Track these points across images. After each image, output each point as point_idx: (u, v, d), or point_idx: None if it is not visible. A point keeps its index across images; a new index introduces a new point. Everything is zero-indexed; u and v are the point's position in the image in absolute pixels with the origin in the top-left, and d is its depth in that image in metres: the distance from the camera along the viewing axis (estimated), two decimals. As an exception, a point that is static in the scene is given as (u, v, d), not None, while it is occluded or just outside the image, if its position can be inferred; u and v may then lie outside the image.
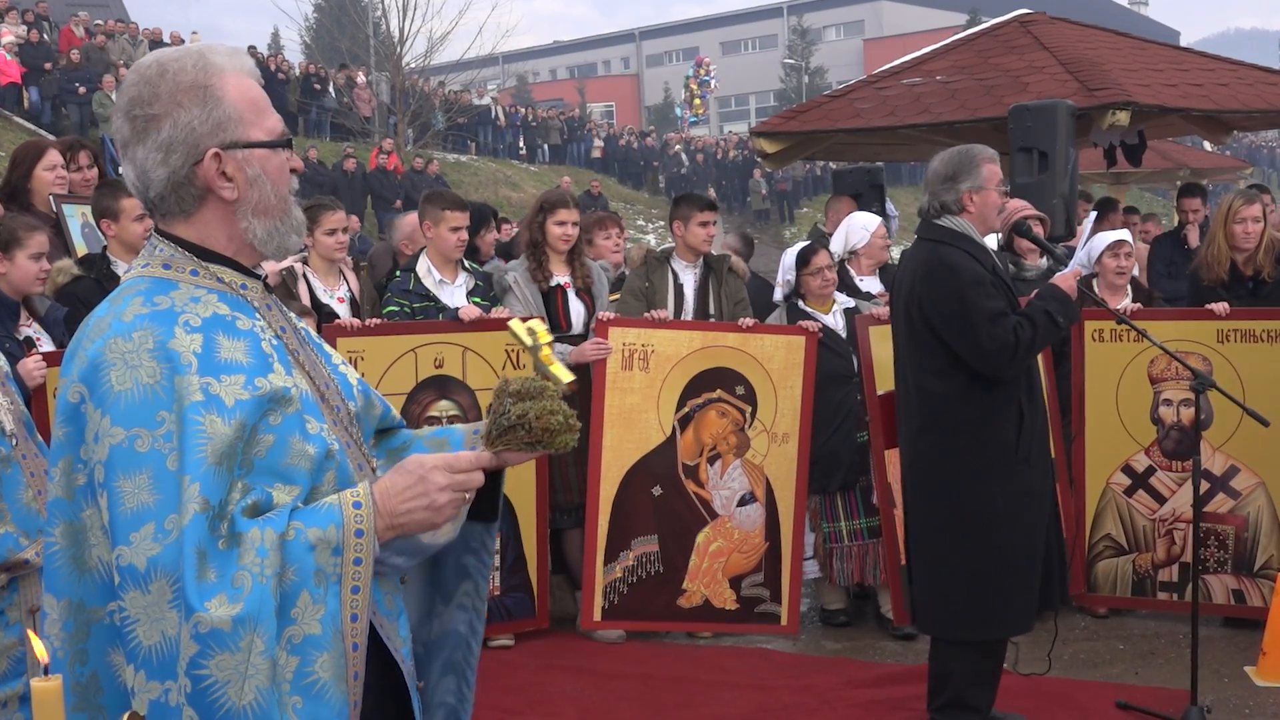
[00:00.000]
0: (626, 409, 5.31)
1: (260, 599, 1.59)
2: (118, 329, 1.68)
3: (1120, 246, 5.69)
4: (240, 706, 1.58)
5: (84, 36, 21.19)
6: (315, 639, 1.64)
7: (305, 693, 1.64)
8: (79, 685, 1.69)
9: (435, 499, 1.75)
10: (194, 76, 1.76)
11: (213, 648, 1.57)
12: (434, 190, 6.02)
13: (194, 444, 1.62)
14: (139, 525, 1.60)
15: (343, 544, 1.68)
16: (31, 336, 4.13)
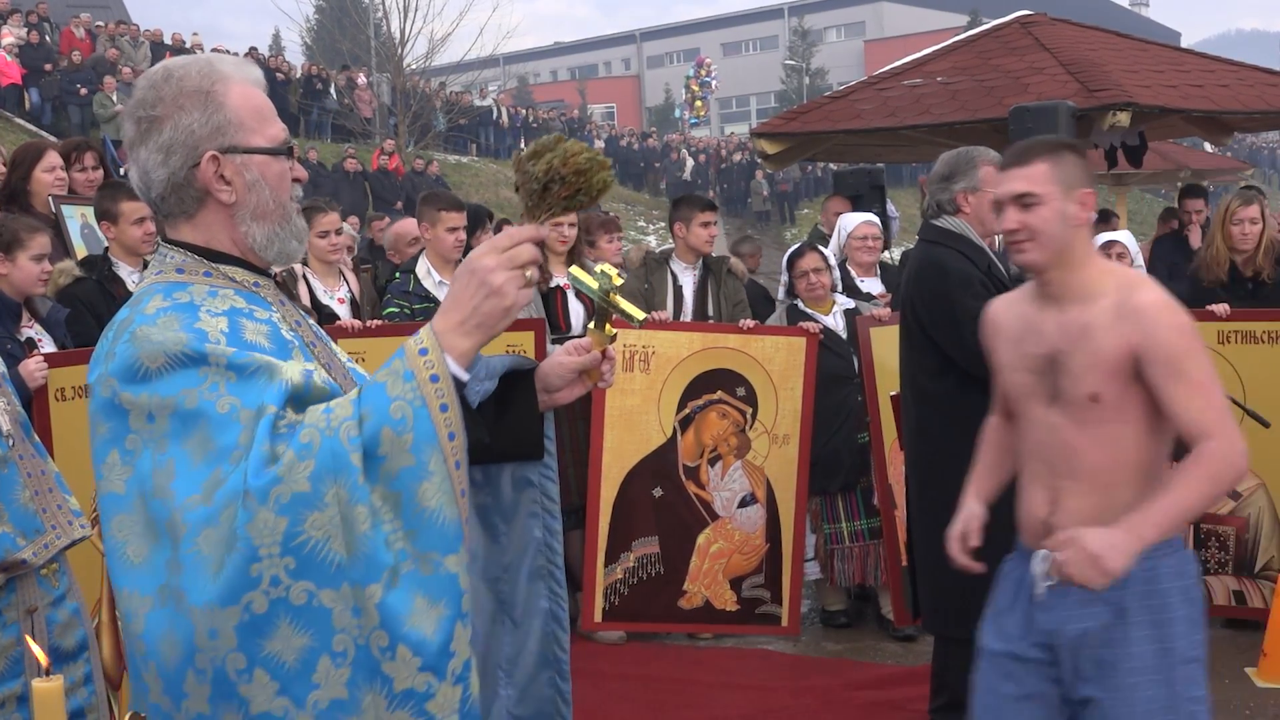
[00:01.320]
0: (627, 410, 5.31)
1: (332, 451, 1.59)
2: (142, 320, 1.72)
3: (1111, 247, 5.69)
4: (347, 558, 1.59)
5: (84, 38, 21.20)
6: (412, 471, 1.61)
7: (417, 523, 1.62)
8: None
9: (491, 281, 1.68)
10: (198, 82, 1.80)
11: (302, 512, 1.57)
12: (430, 191, 6.03)
13: (247, 385, 1.66)
14: (209, 472, 1.62)
15: (412, 370, 1.64)
16: (33, 337, 4.14)
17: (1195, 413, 2.46)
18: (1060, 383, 2.52)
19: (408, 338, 1.70)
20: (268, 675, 1.58)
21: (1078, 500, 2.53)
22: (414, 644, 1.60)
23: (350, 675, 1.60)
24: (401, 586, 1.60)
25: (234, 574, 1.56)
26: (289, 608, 1.58)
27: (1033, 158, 2.54)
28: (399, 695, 1.61)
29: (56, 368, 3.94)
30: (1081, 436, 2.51)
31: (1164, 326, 2.45)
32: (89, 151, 5.52)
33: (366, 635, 1.60)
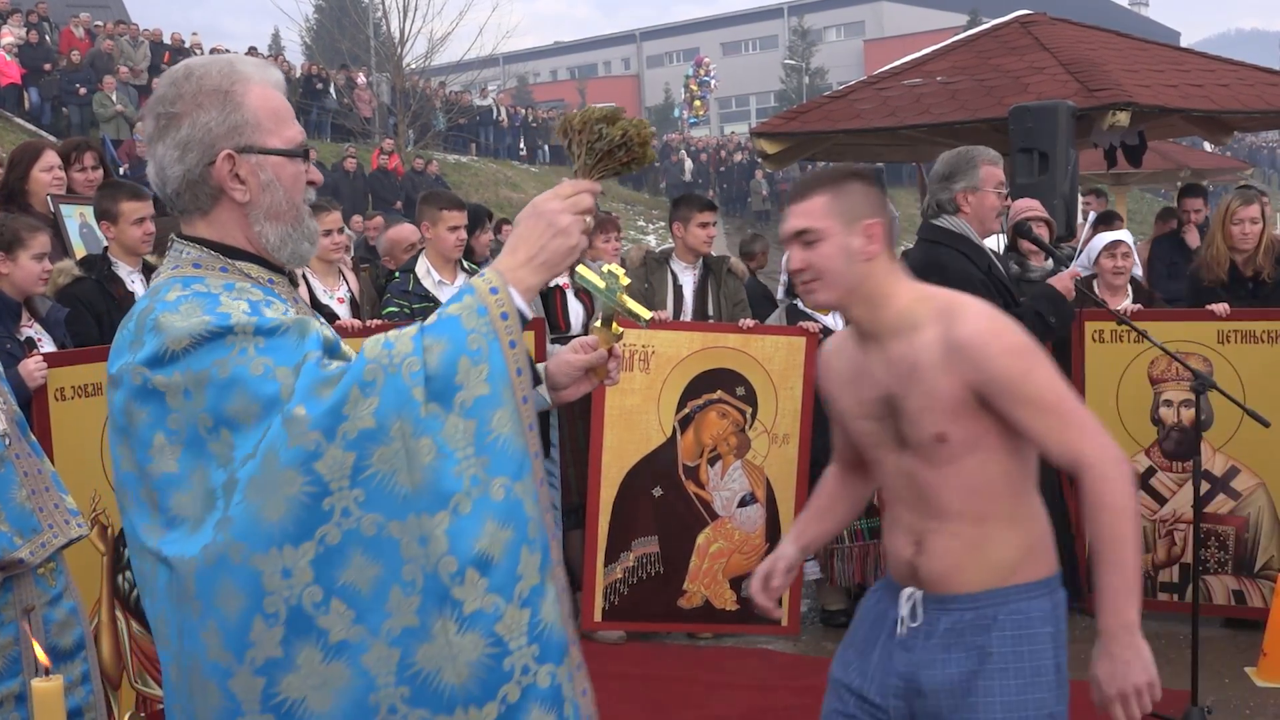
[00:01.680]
0: (627, 410, 5.31)
1: (396, 388, 1.64)
2: (164, 308, 1.75)
3: (1117, 247, 5.70)
4: (413, 489, 1.65)
5: (84, 37, 21.19)
6: (486, 400, 1.68)
7: (492, 451, 1.68)
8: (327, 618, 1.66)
9: (557, 221, 1.80)
10: (218, 81, 1.83)
11: (368, 446, 1.63)
12: (431, 190, 6.03)
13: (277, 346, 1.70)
14: (259, 432, 1.65)
15: (485, 305, 1.72)
16: (33, 337, 4.14)
17: (1058, 440, 2.23)
18: (902, 427, 2.33)
19: (475, 277, 1.79)
20: (344, 604, 1.64)
21: (945, 540, 2.34)
22: (482, 566, 1.66)
23: (420, 603, 1.65)
24: (471, 512, 1.66)
25: (304, 511, 1.62)
26: (361, 539, 1.63)
27: (811, 192, 2.33)
28: (468, 618, 1.66)
29: (56, 367, 3.94)
30: (937, 476, 2.32)
31: (996, 357, 2.21)
32: (88, 152, 5.52)
33: (435, 562, 1.65)
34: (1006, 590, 2.33)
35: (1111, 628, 2.22)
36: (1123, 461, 2.25)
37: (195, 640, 1.67)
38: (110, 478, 4.05)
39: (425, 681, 1.66)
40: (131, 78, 20.35)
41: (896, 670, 2.41)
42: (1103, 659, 2.22)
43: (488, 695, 1.67)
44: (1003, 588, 2.33)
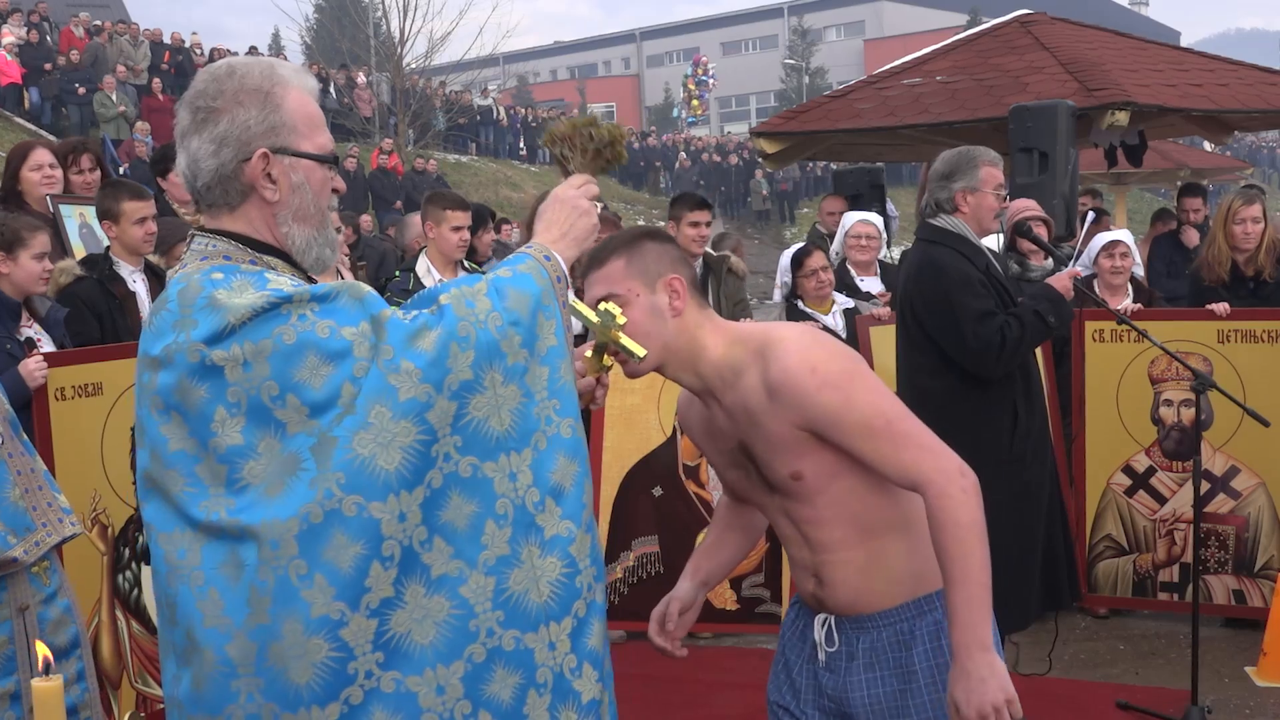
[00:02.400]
0: (627, 409, 5.31)
1: (487, 342, 1.80)
2: (214, 285, 1.78)
3: (1115, 247, 5.70)
4: (503, 431, 1.81)
5: (84, 37, 21.19)
6: (555, 349, 1.89)
7: (560, 394, 1.88)
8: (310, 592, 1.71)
9: (579, 204, 2.06)
10: (259, 82, 1.88)
11: (467, 396, 1.78)
12: (436, 190, 6.03)
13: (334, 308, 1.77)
14: (338, 391, 1.72)
15: (545, 269, 1.94)
16: (32, 337, 4.14)
17: (894, 464, 2.17)
18: (762, 471, 2.31)
19: (523, 247, 2.00)
20: (444, 541, 1.77)
21: (841, 570, 2.30)
22: (557, 495, 1.85)
23: (511, 533, 1.81)
24: (549, 447, 1.85)
25: (418, 458, 1.74)
26: (458, 480, 1.78)
27: (606, 257, 2.29)
28: (548, 542, 1.83)
29: (56, 367, 3.94)
30: (811, 510, 2.28)
31: (812, 394, 2.16)
32: (85, 153, 5.51)
33: (522, 495, 1.82)
34: (918, 602, 2.30)
35: (964, 644, 2.12)
36: (964, 475, 2.17)
37: (293, 602, 1.70)
38: (110, 477, 4.07)
39: (516, 604, 1.81)
40: (131, 77, 20.34)
41: (825, 692, 2.41)
42: (959, 679, 2.12)
43: (565, 611, 1.84)
44: (914, 600, 2.30)
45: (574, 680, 1.85)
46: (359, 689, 1.72)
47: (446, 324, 1.78)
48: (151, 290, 4.70)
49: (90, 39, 21.04)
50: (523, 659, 1.81)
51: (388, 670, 1.73)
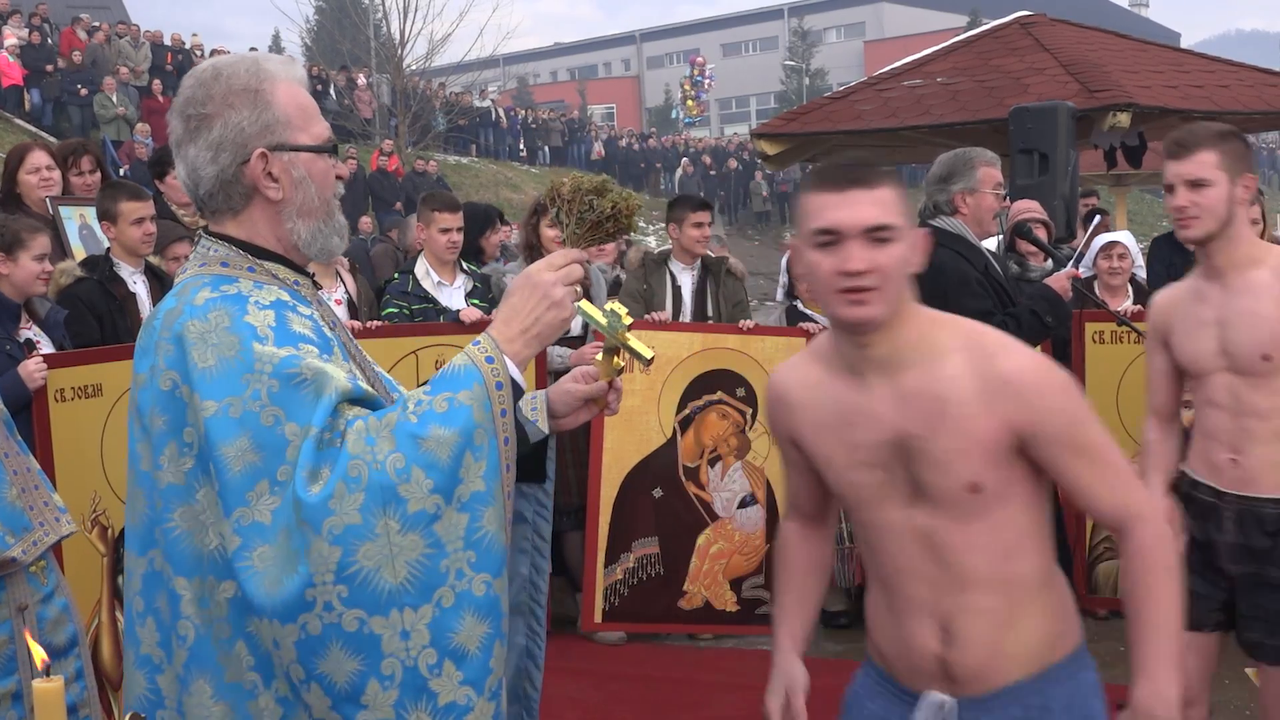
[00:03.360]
0: (627, 411, 5.31)
1: (380, 485, 1.63)
2: (192, 313, 1.75)
3: (1113, 248, 5.69)
4: (397, 584, 1.64)
5: (85, 39, 21.20)
6: (481, 495, 1.70)
7: (477, 547, 1.70)
8: (228, 657, 1.71)
9: (552, 294, 1.83)
10: (246, 81, 1.84)
11: (354, 542, 1.62)
12: (431, 192, 6.03)
13: (292, 397, 1.68)
14: (253, 484, 1.66)
15: (490, 399, 1.73)
16: (32, 339, 4.14)
17: (1110, 492, 2.01)
18: (923, 475, 1.99)
19: (472, 348, 1.79)
20: (321, 690, 1.66)
21: (977, 620, 2.00)
22: (459, 659, 1.68)
23: (398, 697, 1.66)
24: (455, 605, 1.68)
25: (290, 596, 1.62)
26: (341, 633, 1.63)
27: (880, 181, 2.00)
28: (442, 709, 1.67)
29: (56, 368, 3.94)
30: (965, 535, 1.99)
31: (1051, 394, 1.97)
32: (86, 155, 5.52)
33: (415, 655, 1.66)
34: (1054, 671, 2.06)
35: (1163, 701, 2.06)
36: (1166, 523, 2.09)
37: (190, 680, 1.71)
38: (110, 478, 4.07)
39: None
40: (132, 78, 20.34)
41: None
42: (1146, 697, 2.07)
43: None
44: (1047, 669, 2.05)
45: None
46: None
47: (339, 461, 1.65)
48: (152, 291, 4.70)
49: (91, 40, 21.04)
50: None
51: None
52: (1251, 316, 2.90)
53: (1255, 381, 2.89)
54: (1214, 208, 2.93)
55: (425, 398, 1.72)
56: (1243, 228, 3.00)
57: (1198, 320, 3.01)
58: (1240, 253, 2.99)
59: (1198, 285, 3.07)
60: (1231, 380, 2.94)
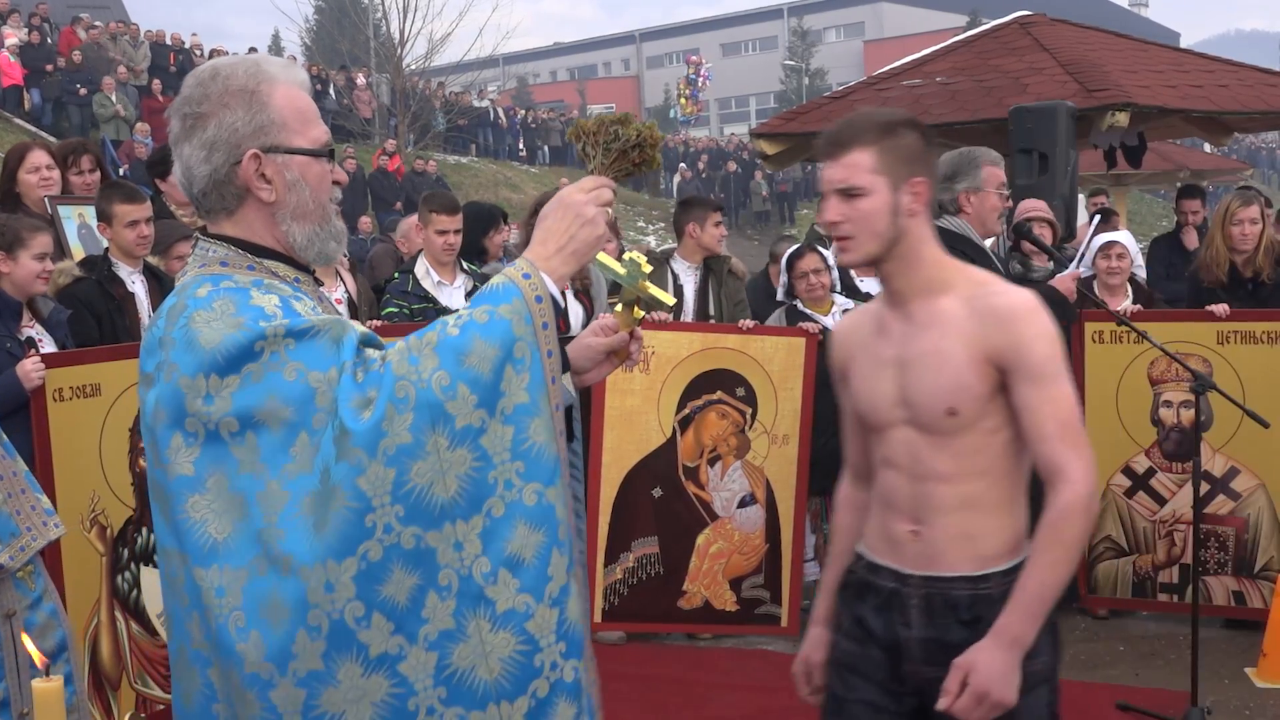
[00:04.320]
0: (627, 410, 5.31)
1: (429, 404, 1.67)
2: (196, 304, 1.75)
3: (1112, 248, 5.69)
4: (449, 498, 1.69)
5: (85, 38, 21.19)
6: (524, 407, 1.74)
7: (525, 457, 1.73)
8: None
9: (584, 212, 1.88)
10: (243, 81, 1.83)
11: (407, 462, 1.65)
12: (431, 192, 6.02)
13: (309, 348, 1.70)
14: (294, 438, 1.67)
15: (531, 311, 1.77)
16: (33, 337, 4.14)
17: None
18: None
19: (509, 269, 1.83)
20: (384, 618, 1.67)
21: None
22: (514, 567, 1.72)
23: (455, 606, 1.70)
24: (505, 515, 1.72)
25: (347, 528, 1.64)
26: (400, 552, 1.66)
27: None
28: (501, 617, 1.72)
29: (55, 368, 3.93)
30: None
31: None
32: (86, 154, 5.52)
33: (469, 565, 1.70)
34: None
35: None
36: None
37: (230, 655, 1.68)
38: (109, 478, 4.07)
39: (460, 680, 1.71)
40: (131, 78, 20.34)
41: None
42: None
43: (519, 690, 1.73)
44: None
45: None
46: None
47: (385, 384, 1.68)
48: (151, 291, 4.69)
49: (87, 40, 21.03)
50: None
51: None
52: (934, 358, 2.27)
53: (939, 441, 2.27)
54: (870, 222, 2.25)
55: (465, 312, 1.76)
56: (922, 245, 2.30)
57: (876, 359, 2.38)
58: (921, 276, 2.31)
59: (880, 313, 2.41)
60: (911, 436, 2.31)
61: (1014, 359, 2.19)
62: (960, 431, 2.25)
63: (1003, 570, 2.27)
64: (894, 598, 2.35)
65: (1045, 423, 2.18)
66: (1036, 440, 2.20)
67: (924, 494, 2.30)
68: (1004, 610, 2.18)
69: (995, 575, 2.27)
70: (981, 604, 2.26)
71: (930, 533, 2.30)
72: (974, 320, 2.22)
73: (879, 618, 2.36)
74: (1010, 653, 2.15)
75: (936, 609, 2.30)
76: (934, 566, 2.30)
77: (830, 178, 2.27)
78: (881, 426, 2.36)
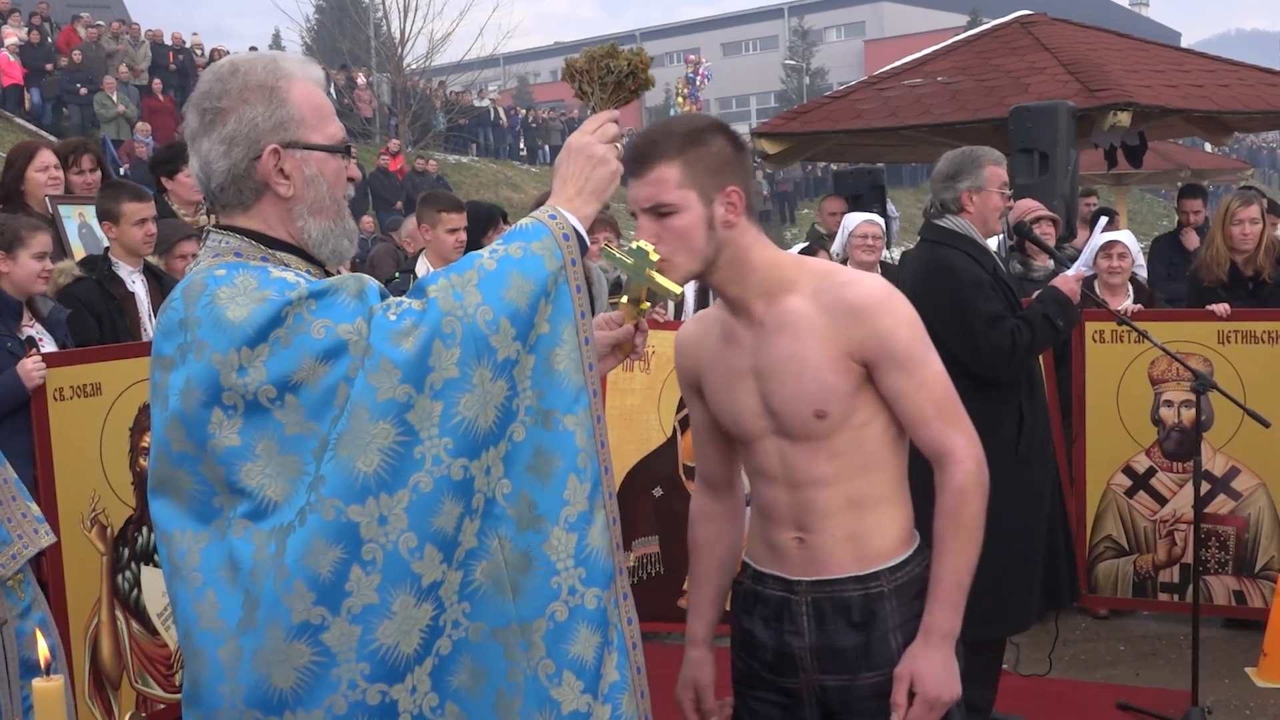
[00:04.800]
0: (627, 410, 5.31)
1: (474, 337, 1.72)
2: (217, 282, 1.76)
3: (1113, 247, 5.69)
4: (488, 427, 1.74)
5: (85, 37, 21.19)
6: (546, 337, 1.80)
7: (546, 383, 1.80)
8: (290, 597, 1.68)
9: (595, 152, 1.94)
10: (263, 77, 1.85)
11: (454, 395, 1.71)
12: (431, 192, 6.02)
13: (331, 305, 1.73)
14: (334, 395, 1.69)
15: (560, 248, 1.84)
16: (34, 336, 4.14)
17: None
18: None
19: (535, 212, 1.91)
20: (435, 549, 1.72)
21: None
22: (531, 490, 1.78)
23: (480, 526, 1.76)
24: (525, 439, 1.79)
25: (398, 460, 1.68)
26: (450, 483, 1.71)
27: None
28: (520, 538, 1.78)
29: (55, 367, 3.93)
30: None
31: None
32: (86, 154, 5.51)
33: (493, 487, 1.77)
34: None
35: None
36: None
37: (276, 608, 1.68)
38: (109, 477, 4.07)
39: (485, 597, 1.77)
40: (132, 77, 20.34)
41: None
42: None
43: (537, 612, 1.78)
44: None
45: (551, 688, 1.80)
46: (341, 699, 1.68)
47: (430, 320, 1.72)
48: (150, 291, 4.70)
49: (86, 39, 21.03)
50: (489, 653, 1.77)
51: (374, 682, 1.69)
52: (792, 363, 2.14)
53: (812, 445, 2.16)
54: (686, 240, 2.09)
55: (500, 246, 1.81)
56: (750, 251, 2.15)
57: (730, 370, 2.24)
58: (756, 281, 2.17)
59: (725, 320, 2.26)
60: (782, 445, 2.20)
61: (877, 351, 2.12)
62: (832, 433, 2.16)
63: (891, 566, 2.20)
64: (783, 606, 2.24)
65: (923, 407, 2.13)
66: (917, 425, 2.15)
67: (805, 501, 2.20)
68: (926, 608, 2.14)
69: (883, 572, 2.19)
70: (873, 602, 2.19)
71: (815, 538, 2.20)
72: (826, 316, 2.13)
73: (768, 629, 2.26)
74: (945, 649, 2.13)
75: (827, 614, 2.20)
76: (821, 570, 2.20)
77: (636, 196, 2.11)
78: (749, 438, 2.25)
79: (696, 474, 2.46)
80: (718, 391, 2.27)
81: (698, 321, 2.36)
